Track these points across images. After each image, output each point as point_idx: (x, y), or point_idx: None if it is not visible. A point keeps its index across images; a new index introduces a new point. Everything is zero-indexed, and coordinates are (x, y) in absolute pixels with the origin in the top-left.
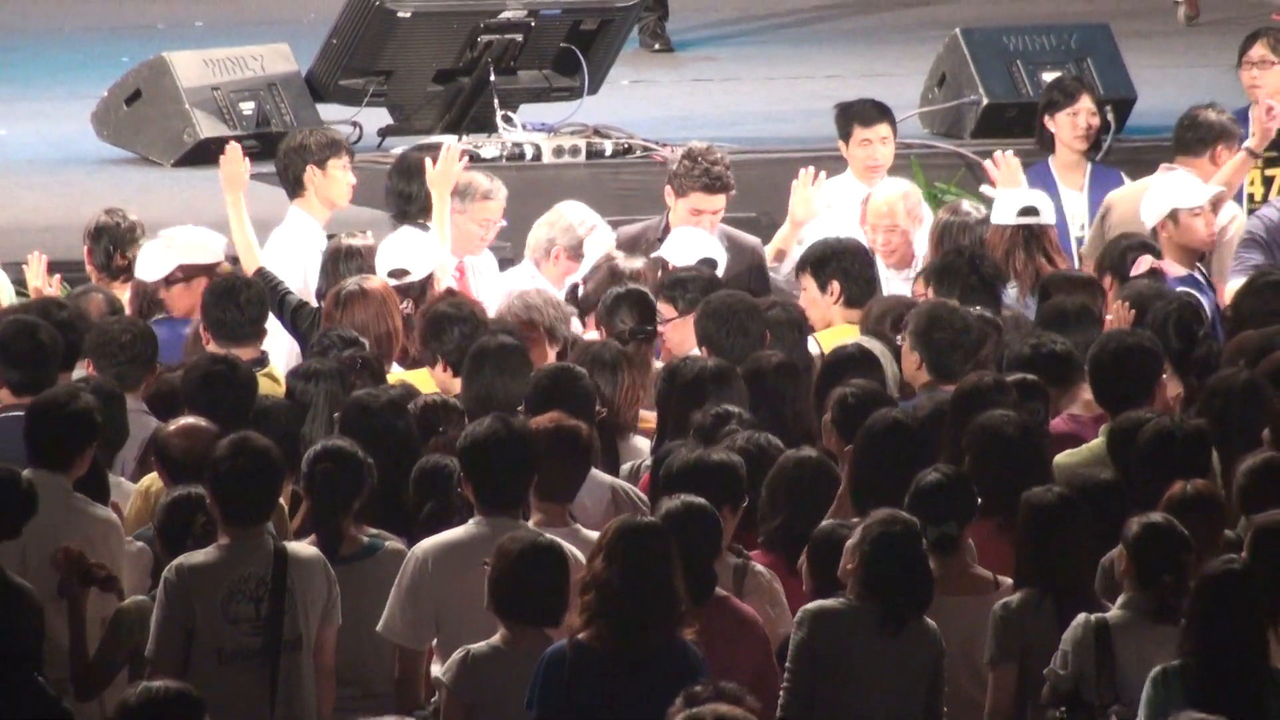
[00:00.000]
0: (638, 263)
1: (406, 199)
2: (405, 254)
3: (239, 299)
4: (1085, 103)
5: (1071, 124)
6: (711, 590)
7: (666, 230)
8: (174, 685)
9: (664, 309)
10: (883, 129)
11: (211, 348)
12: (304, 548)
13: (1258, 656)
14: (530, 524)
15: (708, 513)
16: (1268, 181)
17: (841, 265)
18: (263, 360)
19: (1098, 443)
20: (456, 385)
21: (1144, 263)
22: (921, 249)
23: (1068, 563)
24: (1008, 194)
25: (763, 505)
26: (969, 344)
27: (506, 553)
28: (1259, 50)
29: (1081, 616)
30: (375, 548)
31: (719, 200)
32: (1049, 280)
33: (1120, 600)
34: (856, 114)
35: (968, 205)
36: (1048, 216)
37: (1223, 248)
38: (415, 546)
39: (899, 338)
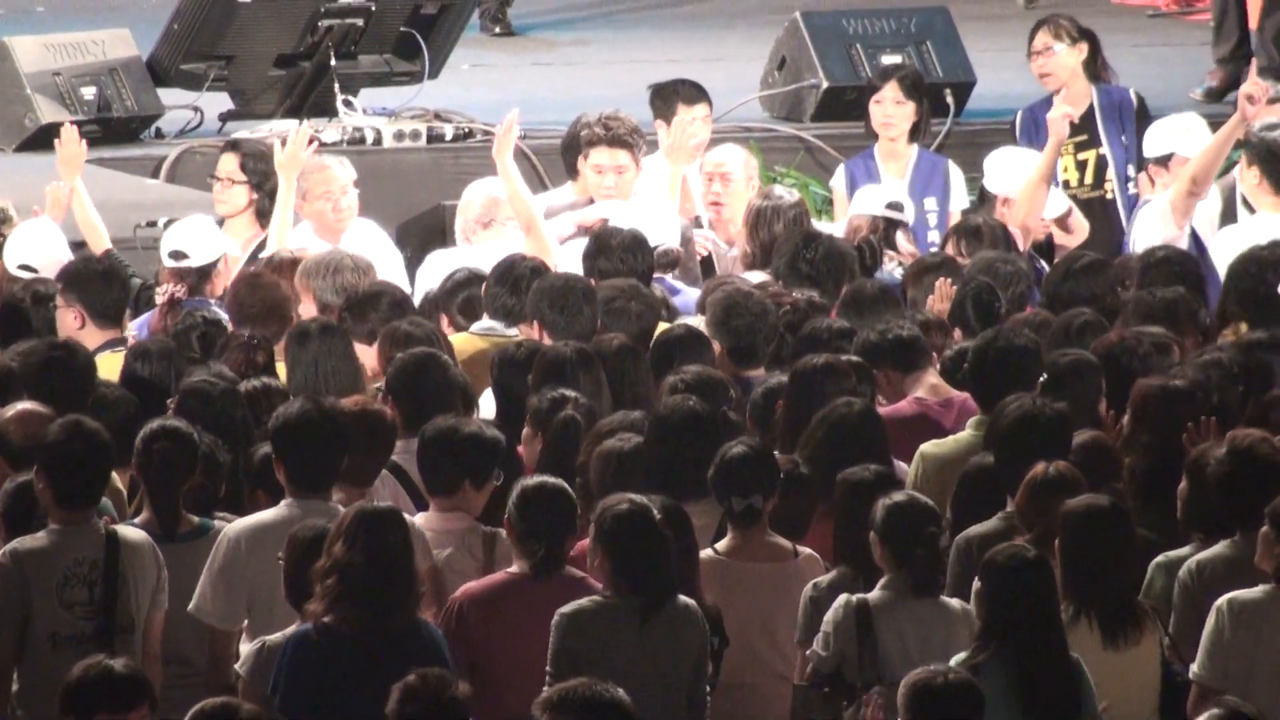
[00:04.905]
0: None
1: None
2: (188, 239)
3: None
4: (889, 91)
5: (874, 112)
6: (558, 567)
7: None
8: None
9: None
10: (703, 108)
11: (88, 329)
12: (133, 531)
13: (1058, 647)
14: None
15: (564, 493)
16: (1081, 165)
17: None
18: (124, 341)
19: (965, 435)
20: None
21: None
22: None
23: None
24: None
25: (593, 486)
26: (767, 329)
27: (299, 542)
28: (1041, 39)
29: (842, 597)
30: (206, 528)
31: (621, 155)
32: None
33: (881, 582)
34: (681, 94)
35: (780, 190)
36: (909, 216)
37: None
38: (228, 527)
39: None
